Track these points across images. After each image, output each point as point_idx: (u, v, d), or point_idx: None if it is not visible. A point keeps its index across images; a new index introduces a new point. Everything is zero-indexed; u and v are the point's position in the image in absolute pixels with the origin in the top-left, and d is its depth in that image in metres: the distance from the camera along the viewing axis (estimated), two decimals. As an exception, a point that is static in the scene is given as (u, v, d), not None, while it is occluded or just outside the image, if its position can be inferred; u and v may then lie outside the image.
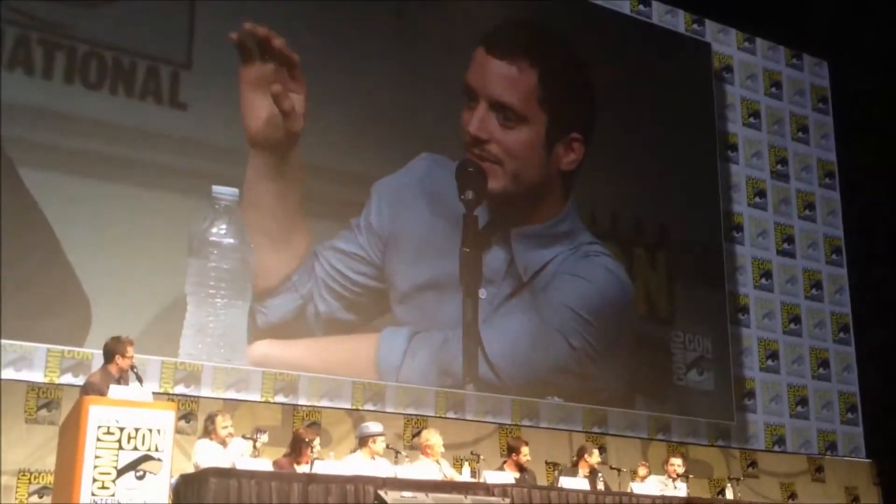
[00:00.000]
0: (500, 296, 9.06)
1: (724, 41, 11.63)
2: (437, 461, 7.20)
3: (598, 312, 9.48)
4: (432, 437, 7.29)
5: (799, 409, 10.85)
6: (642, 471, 8.12)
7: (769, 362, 10.80)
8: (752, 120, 11.55)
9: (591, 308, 9.46)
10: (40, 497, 6.92)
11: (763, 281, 11.04)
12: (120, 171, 7.63)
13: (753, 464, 10.37)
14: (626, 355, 9.71)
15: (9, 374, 6.97)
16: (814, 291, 11.38)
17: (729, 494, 8.30)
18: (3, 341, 6.94)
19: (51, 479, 6.71)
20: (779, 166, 11.60)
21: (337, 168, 8.56)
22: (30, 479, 6.96)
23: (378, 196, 8.71)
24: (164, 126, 7.91)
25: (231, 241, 7.90)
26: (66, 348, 7.17)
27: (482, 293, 8.93)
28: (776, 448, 10.55)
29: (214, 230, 7.86)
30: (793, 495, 10.40)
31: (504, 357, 8.94)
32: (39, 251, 7.24)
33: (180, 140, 7.94)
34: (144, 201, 7.67)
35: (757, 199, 11.29)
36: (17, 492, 6.90)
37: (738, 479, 8.75)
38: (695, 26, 11.43)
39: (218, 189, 7.94)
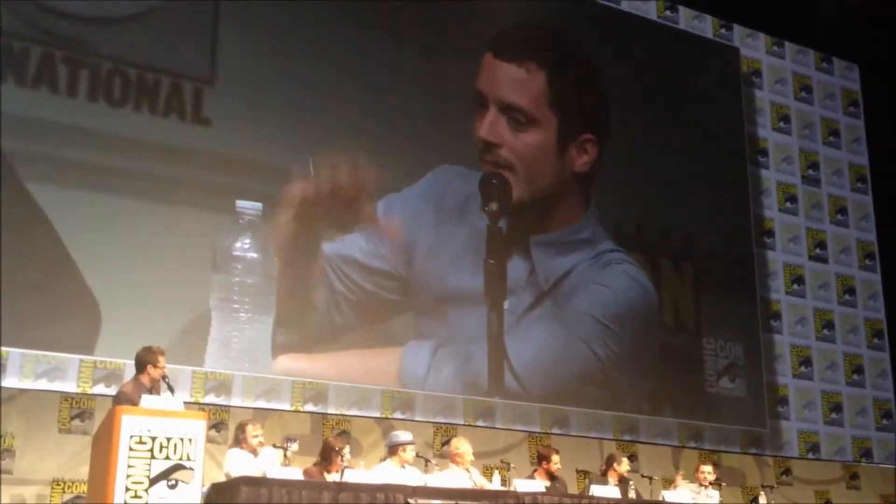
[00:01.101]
0: (522, 306, 8.97)
1: (752, 45, 11.56)
2: (467, 469, 7.19)
3: (621, 320, 9.38)
4: (462, 446, 7.28)
5: (833, 415, 10.73)
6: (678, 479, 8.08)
7: (802, 369, 10.69)
8: (781, 124, 11.46)
9: (615, 316, 9.36)
10: (74, 506, 7.00)
11: (795, 287, 10.94)
12: (144, 187, 7.63)
13: (787, 471, 10.27)
14: (651, 364, 9.60)
15: (42, 384, 7.05)
16: (847, 297, 11.26)
17: (763, 502, 8.22)
18: (32, 352, 7.03)
19: (84, 488, 6.77)
20: (810, 171, 11.50)
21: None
22: (63, 489, 7.02)
23: (400, 209, 8.67)
24: (188, 142, 7.93)
25: (255, 255, 7.88)
26: (99, 359, 7.23)
27: (505, 304, 8.86)
28: (810, 455, 10.43)
29: (238, 245, 7.85)
30: (828, 503, 10.28)
31: (529, 368, 8.85)
32: (57, 268, 7.24)
33: (204, 156, 7.94)
34: (168, 217, 7.67)
35: (788, 205, 11.19)
36: (51, 501, 6.97)
37: (771, 487, 8.68)
38: (722, 31, 11.37)
39: (242, 204, 7.92)
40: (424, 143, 8.99)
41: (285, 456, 6.53)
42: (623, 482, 7.67)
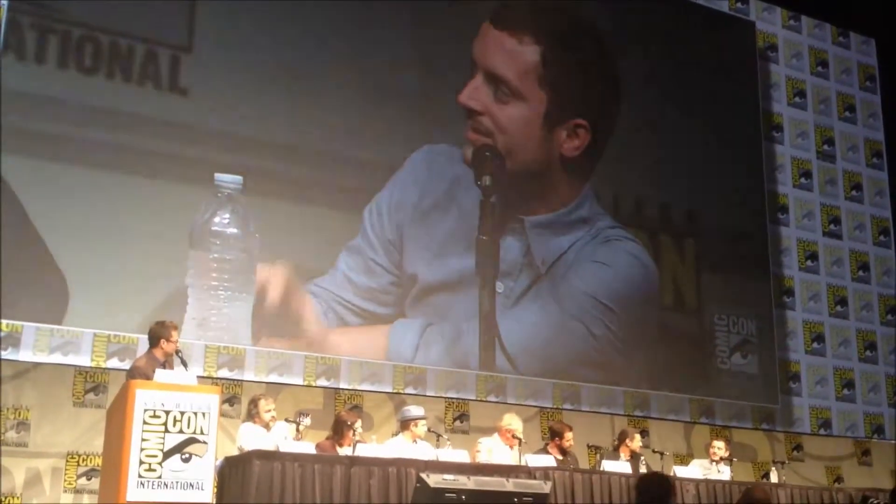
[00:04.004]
0: (518, 289, 8.74)
1: (768, 19, 11.43)
2: (511, 446, 7.22)
3: (620, 299, 9.16)
4: (513, 422, 7.31)
5: (845, 392, 10.70)
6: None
7: (815, 345, 10.66)
8: (797, 99, 11.36)
9: (614, 294, 9.13)
10: (89, 479, 7.04)
11: (809, 263, 10.89)
12: (117, 159, 7.36)
13: (799, 447, 10.27)
14: (652, 344, 9.42)
15: (56, 358, 7.09)
16: (861, 273, 11.20)
17: (773, 478, 8.23)
18: (46, 326, 7.03)
19: (99, 461, 6.81)
20: (825, 146, 11.41)
21: (344, 153, 8.28)
22: (78, 462, 7.08)
23: (387, 207, 8.39)
24: (164, 112, 7.64)
25: (234, 231, 7.61)
26: (113, 333, 7.24)
27: (499, 286, 8.62)
28: (822, 431, 10.42)
29: (217, 220, 7.57)
30: (839, 479, 10.28)
31: (522, 349, 8.65)
32: (21, 242, 6.97)
33: (181, 126, 7.67)
34: (143, 191, 7.40)
35: (802, 180, 11.12)
36: (66, 474, 7.04)
37: (782, 463, 8.68)
38: (738, 5, 11.24)
39: (221, 177, 7.65)
40: (411, 116, 8.73)
41: (298, 430, 6.56)
42: (634, 457, 7.69)
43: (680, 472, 7.54)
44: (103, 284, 7.21)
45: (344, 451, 6.42)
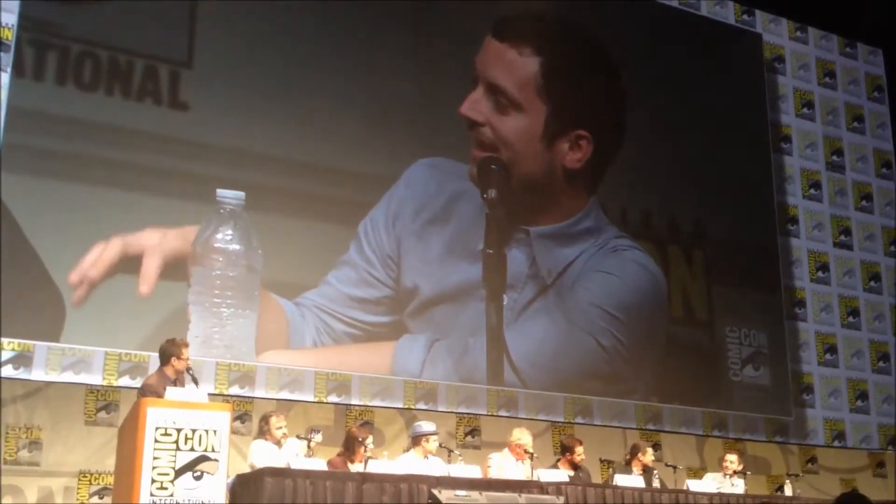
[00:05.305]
0: (522, 301, 8.66)
1: (775, 31, 11.45)
2: (523, 461, 7.20)
3: (628, 308, 9.10)
4: (523, 437, 7.28)
5: (859, 403, 10.65)
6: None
7: (827, 356, 10.61)
8: (805, 111, 11.36)
9: (622, 304, 9.06)
10: (101, 498, 7.04)
11: (820, 274, 10.85)
12: (117, 175, 7.32)
13: (813, 460, 10.21)
14: (662, 355, 9.36)
15: (68, 377, 7.09)
16: (872, 284, 11.16)
17: (788, 491, 8.19)
18: (58, 345, 7.03)
19: (111, 479, 6.82)
20: (834, 157, 11.39)
21: (347, 167, 8.27)
22: (90, 480, 7.08)
23: (384, 221, 8.36)
24: (165, 128, 7.58)
25: (237, 247, 7.54)
26: (124, 351, 7.25)
27: (503, 299, 8.56)
28: (836, 443, 10.37)
29: (219, 236, 7.51)
30: (854, 491, 10.20)
31: (530, 363, 8.58)
32: (17, 260, 6.90)
33: (182, 142, 7.62)
34: (144, 207, 7.34)
35: (812, 191, 11.10)
36: (78, 493, 7.03)
37: (797, 476, 8.63)
38: (745, 17, 11.27)
39: (223, 193, 7.60)
40: (410, 131, 8.71)
41: (309, 447, 6.56)
42: (647, 472, 7.65)
43: (693, 485, 7.50)
44: (102, 302, 7.18)
45: (355, 467, 6.40)
